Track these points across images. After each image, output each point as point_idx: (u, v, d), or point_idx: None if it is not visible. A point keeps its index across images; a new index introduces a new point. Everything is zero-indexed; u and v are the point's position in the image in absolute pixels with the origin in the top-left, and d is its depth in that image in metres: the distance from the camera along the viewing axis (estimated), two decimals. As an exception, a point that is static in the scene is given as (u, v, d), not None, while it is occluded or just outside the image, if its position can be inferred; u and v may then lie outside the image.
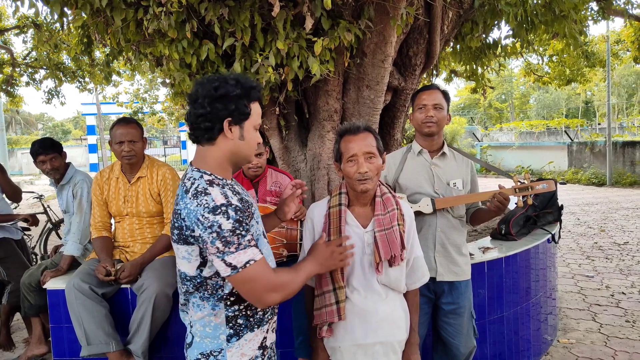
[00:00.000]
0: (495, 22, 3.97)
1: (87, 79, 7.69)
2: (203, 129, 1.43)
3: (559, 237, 3.56)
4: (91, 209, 2.68)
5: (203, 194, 1.34)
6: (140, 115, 12.91)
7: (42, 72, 7.77)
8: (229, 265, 1.31)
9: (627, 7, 7.13)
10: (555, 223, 3.62)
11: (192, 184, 1.40)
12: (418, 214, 2.23)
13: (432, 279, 2.24)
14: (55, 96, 8.61)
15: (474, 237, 3.65)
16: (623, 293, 4.65)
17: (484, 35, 4.39)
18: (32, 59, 7.87)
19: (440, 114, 2.24)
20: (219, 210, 1.31)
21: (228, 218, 1.31)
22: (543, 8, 3.63)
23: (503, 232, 3.22)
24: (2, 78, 8.16)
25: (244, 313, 1.45)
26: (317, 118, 3.44)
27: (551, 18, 3.83)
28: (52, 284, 2.54)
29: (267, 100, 3.11)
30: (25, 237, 4.12)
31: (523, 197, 2.20)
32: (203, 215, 1.30)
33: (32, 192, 6.54)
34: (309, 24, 2.55)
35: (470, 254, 2.69)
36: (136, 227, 2.56)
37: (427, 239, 2.27)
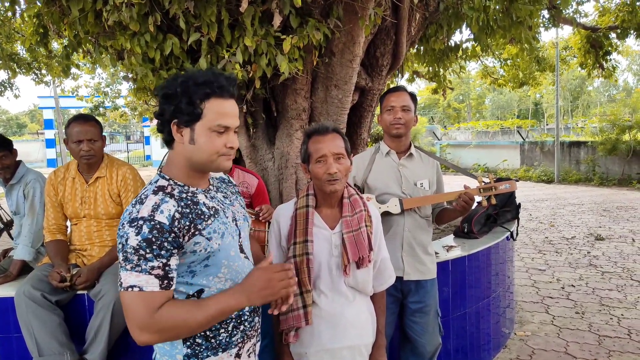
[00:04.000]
0: (459, 26, 4.08)
1: (43, 71, 7.23)
2: (161, 132, 1.33)
3: (517, 234, 3.70)
4: (44, 211, 2.51)
5: (139, 203, 1.23)
6: (101, 109, 12.35)
7: (-6, 62, 7.23)
8: (119, 279, 1.20)
9: (575, 16, 7.53)
10: (514, 220, 3.76)
11: (145, 189, 1.31)
12: (386, 214, 2.25)
13: (400, 279, 2.26)
14: (9, 88, 8.03)
15: (437, 235, 3.73)
16: (572, 285, 4.90)
17: (446, 39, 4.50)
18: (-18, 50, 7.30)
19: (408, 115, 2.27)
20: (135, 223, 1.19)
21: (138, 234, 1.17)
22: (501, 14, 3.76)
23: (465, 230, 3.31)
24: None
25: (202, 333, 1.30)
26: (285, 117, 3.40)
27: (509, 23, 3.99)
28: (-1, 291, 2.36)
29: (234, 98, 3.04)
30: None
31: (487, 196, 2.26)
32: (123, 224, 1.20)
33: None
34: (277, 21, 2.51)
35: (436, 253, 2.74)
36: (94, 229, 2.43)
37: (395, 239, 2.29)
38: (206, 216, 1.29)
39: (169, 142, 1.33)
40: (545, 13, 6.75)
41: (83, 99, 11.50)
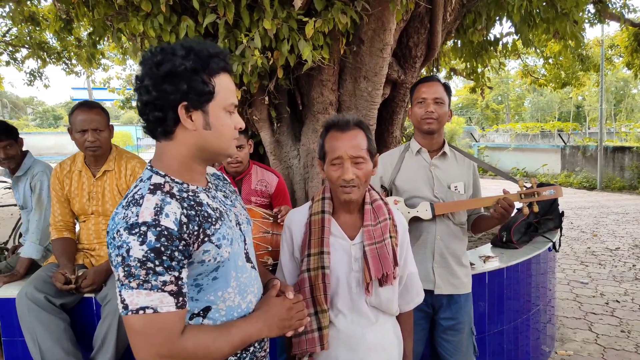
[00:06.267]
0: (499, 15, 3.80)
1: (74, 61, 7.27)
2: (153, 121, 1.09)
3: (560, 244, 3.39)
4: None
5: (134, 204, 1.02)
6: (133, 102, 12.46)
7: (25, 51, 7.29)
8: (122, 301, 0.99)
9: (623, 11, 7.02)
10: (556, 230, 3.46)
11: (135, 187, 1.09)
12: (416, 220, 2.02)
13: (430, 292, 2.04)
14: (38, 78, 8.09)
15: (473, 244, 3.46)
16: (617, 301, 4.55)
17: (485, 31, 4.20)
18: (13, 37, 7.38)
19: (442, 109, 2.02)
20: (136, 230, 0.98)
21: (142, 242, 0.97)
22: (545, 4, 3.46)
23: (504, 239, 3.04)
24: (-21, 57, 7.66)
25: None
26: (311, 110, 3.19)
27: (553, 15, 3.72)
28: (4, 291, 2.23)
29: (256, 89, 2.86)
30: None
31: (528, 203, 1.99)
32: (118, 232, 1.00)
33: (5, 181, 6.10)
34: (298, 2, 2.29)
35: (471, 264, 2.49)
36: (102, 227, 2.26)
37: (425, 247, 2.06)
38: (213, 219, 1.11)
39: (166, 132, 1.10)
40: (590, 8, 6.33)
41: (115, 91, 11.53)
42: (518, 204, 1.99)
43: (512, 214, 1.98)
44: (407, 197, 2.06)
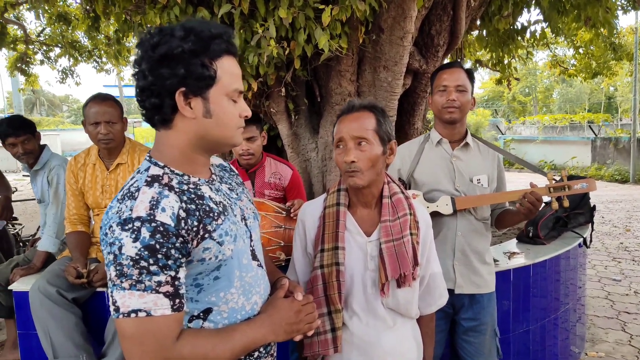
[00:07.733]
0: (526, 1, 3.64)
1: (104, 59, 7.44)
2: (150, 109, 1.02)
3: (591, 240, 3.23)
4: None
5: (129, 198, 0.95)
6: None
7: (58, 50, 7.52)
8: (114, 303, 0.92)
9: (660, -5, 6.66)
10: (587, 225, 3.30)
11: (132, 179, 1.02)
12: (435, 214, 1.92)
13: (451, 291, 1.93)
14: (70, 75, 8.33)
15: (498, 239, 3.33)
16: (654, 300, 4.32)
17: (512, 19, 4.03)
18: (46, 36, 7.63)
19: (464, 97, 1.91)
20: (130, 226, 0.91)
21: (136, 239, 0.90)
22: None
23: (530, 234, 2.90)
24: (16, 56, 7.84)
25: None
26: (329, 102, 3.12)
27: (584, 1, 3.54)
28: (20, 284, 2.24)
29: (273, 80, 2.81)
30: (10, 226, 3.80)
31: (558, 197, 1.88)
32: (111, 227, 0.93)
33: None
34: (314, -12, 2.22)
35: (495, 260, 2.38)
36: None
37: (446, 244, 1.96)
38: (215, 214, 1.04)
39: (164, 120, 1.03)
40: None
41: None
42: (546, 198, 1.89)
43: (540, 209, 1.87)
44: (427, 190, 1.97)
